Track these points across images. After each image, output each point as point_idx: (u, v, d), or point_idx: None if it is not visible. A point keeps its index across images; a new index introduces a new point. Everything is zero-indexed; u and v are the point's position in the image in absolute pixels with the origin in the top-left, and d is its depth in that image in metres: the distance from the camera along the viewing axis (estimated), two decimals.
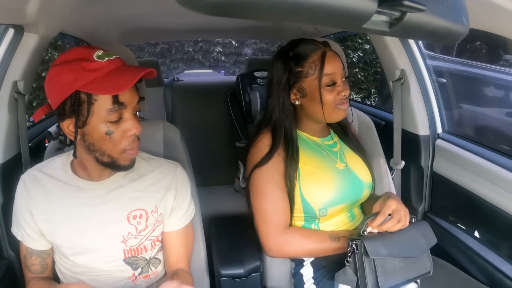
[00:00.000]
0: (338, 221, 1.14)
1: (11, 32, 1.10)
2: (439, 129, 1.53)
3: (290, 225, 1.12)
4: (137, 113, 0.92)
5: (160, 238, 1.04)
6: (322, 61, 1.06)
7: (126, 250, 0.97)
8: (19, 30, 1.09)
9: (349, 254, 0.96)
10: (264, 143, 1.11)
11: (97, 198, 0.95)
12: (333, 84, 1.08)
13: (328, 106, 1.08)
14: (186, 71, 4.48)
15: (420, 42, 1.56)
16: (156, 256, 1.04)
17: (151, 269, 1.03)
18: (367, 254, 0.93)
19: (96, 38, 1.95)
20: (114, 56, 0.85)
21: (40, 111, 0.88)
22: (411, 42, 1.48)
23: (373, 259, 0.93)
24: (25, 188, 0.95)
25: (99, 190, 0.95)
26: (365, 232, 0.99)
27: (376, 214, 1.01)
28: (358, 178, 1.15)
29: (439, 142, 1.49)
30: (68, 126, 0.85)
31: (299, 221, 1.13)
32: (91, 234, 0.94)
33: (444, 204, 1.47)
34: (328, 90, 1.07)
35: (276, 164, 1.08)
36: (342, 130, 1.24)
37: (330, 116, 1.10)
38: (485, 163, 1.25)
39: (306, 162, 1.10)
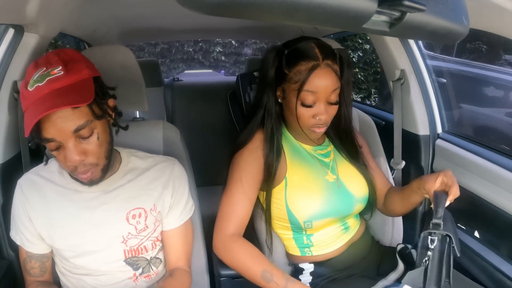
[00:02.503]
0: (330, 232, 1.11)
1: (11, 32, 1.10)
2: (439, 129, 1.53)
3: (273, 233, 1.11)
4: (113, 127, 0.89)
5: (160, 238, 1.03)
6: (308, 75, 0.96)
7: (127, 251, 0.97)
8: (19, 30, 1.09)
9: (426, 258, 0.88)
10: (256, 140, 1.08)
11: (95, 200, 0.95)
12: (311, 106, 0.99)
13: (300, 122, 1.02)
14: (186, 71, 4.48)
15: (420, 42, 1.56)
16: (157, 256, 1.04)
17: (152, 269, 1.03)
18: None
19: (96, 38, 1.95)
20: (45, 80, 0.79)
21: None
22: (411, 42, 1.48)
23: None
24: (22, 192, 0.95)
25: (96, 192, 0.95)
26: None
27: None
28: (348, 192, 1.10)
29: (439, 142, 1.49)
30: None
31: (286, 230, 1.12)
32: (90, 236, 0.94)
33: None
34: (304, 108, 0.99)
35: (255, 160, 1.05)
36: (340, 138, 1.17)
37: (304, 131, 1.05)
38: (485, 163, 1.25)
39: (295, 173, 1.06)
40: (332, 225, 1.11)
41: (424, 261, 0.88)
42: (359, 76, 6.31)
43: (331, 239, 1.11)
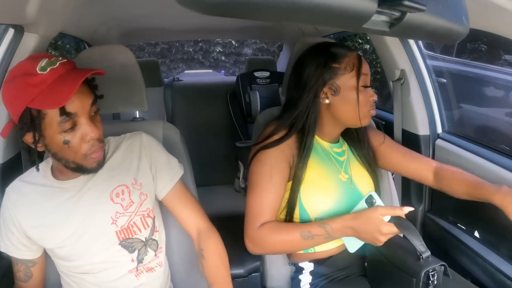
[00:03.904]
0: None
1: (11, 32, 1.10)
2: (439, 129, 1.53)
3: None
4: (96, 113, 0.91)
5: (151, 214, 1.03)
6: (360, 61, 1.07)
7: (118, 231, 0.98)
8: (19, 30, 1.09)
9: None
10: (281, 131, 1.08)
11: (78, 192, 0.97)
12: (366, 87, 1.07)
13: (361, 107, 1.06)
14: (186, 71, 4.49)
15: (420, 42, 1.56)
16: (152, 238, 1.04)
17: (148, 251, 1.02)
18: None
19: (96, 38, 1.95)
20: (58, 63, 0.84)
21: (7, 126, 0.89)
22: (411, 42, 1.48)
23: None
24: (9, 199, 0.97)
25: (78, 186, 0.97)
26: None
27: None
28: (359, 192, 1.13)
29: (439, 142, 1.49)
30: (29, 139, 0.87)
31: None
32: (81, 226, 0.95)
33: (444, 204, 1.47)
34: (364, 91, 1.06)
35: (285, 159, 1.05)
36: (358, 138, 1.20)
37: (361, 119, 1.07)
38: (485, 163, 1.25)
39: (311, 169, 1.08)
40: None
41: None
42: None
43: None
